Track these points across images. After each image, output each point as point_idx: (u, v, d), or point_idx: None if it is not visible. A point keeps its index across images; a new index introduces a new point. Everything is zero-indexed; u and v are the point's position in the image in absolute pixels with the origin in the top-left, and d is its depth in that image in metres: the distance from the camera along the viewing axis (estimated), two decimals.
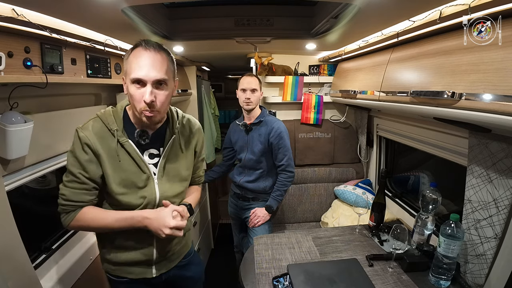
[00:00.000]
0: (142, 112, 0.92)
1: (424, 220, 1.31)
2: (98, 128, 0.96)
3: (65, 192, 0.95)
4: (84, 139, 0.92)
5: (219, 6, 1.60)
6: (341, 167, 2.33)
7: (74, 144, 0.94)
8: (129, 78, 0.90)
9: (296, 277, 1.16)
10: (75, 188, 0.95)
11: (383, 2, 0.94)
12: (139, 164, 1.00)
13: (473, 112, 0.85)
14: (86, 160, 0.93)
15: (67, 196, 0.94)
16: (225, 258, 2.79)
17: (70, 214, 0.96)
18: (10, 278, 0.92)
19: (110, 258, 1.06)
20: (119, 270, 1.08)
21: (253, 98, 1.73)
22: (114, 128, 0.96)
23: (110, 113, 0.99)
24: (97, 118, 0.98)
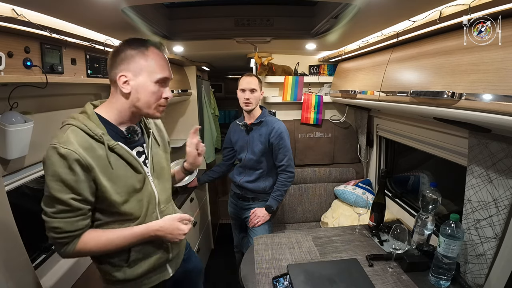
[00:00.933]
0: (159, 107, 0.95)
1: (424, 220, 1.31)
2: (80, 138, 0.83)
3: (58, 224, 0.82)
4: (70, 156, 0.78)
5: (219, 6, 1.60)
6: (341, 167, 2.33)
7: (55, 166, 0.78)
8: (154, 77, 0.90)
9: (296, 277, 1.16)
10: (68, 217, 0.82)
11: (383, 2, 0.94)
12: (134, 165, 0.93)
13: (473, 112, 0.85)
14: (75, 181, 0.80)
15: (62, 229, 0.82)
16: (225, 258, 2.79)
17: (69, 246, 0.85)
18: (10, 278, 0.92)
19: (125, 277, 0.97)
20: (138, 285, 1.01)
21: (252, 98, 1.72)
22: (100, 133, 0.85)
23: (86, 118, 0.87)
24: (72, 127, 0.83)
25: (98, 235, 0.89)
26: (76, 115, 0.88)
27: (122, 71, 0.88)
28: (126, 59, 0.88)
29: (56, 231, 0.82)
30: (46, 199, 0.82)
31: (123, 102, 0.91)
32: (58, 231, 0.82)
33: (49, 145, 0.80)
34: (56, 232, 0.83)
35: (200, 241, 2.46)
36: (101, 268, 0.98)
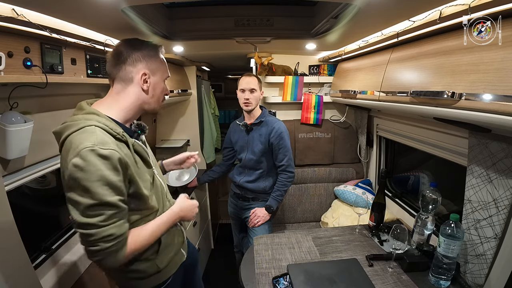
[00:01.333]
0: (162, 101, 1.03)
1: (424, 220, 1.31)
2: (110, 138, 0.82)
3: (111, 231, 0.77)
4: (114, 156, 0.77)
5: (219, 6, 1.60)
6: (341, 167, 2.33)
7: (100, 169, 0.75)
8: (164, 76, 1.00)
9: (296, 277, 1.16)
10: (118, 220, 0.80)
11: (383, 2, 0.94)
12: (147, 161, 0.97)
13: (473, 112, 0.85)
14: (120, 181, 0.79)
15: (115, 234, 0.78)
16: (225, 258, 2.79)
17: (121, 252, 0.81)
18: (10, 278, 0.92)
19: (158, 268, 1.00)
20: (165, 273, 1.04)
21: (252, 98, 1.72)
22: (122, 132, 0.86)
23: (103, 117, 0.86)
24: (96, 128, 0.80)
25: (140, 231, 0.90)
26: (87, 116, 0.84)
27: (143, 69, 0.92)
28: (145, 59, 0.92)
29: (109, 239, 0.77)
30: (90, 209, 0.75)
31: (136, 98, 0.93)
32: (110, 238, 0.77)
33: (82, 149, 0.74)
34: (108, 241, 0.77)
35: (200, 241, 2.46)
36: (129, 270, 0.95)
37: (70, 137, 0.79)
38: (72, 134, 0.79)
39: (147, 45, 0.95)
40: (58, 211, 1.44)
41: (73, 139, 0.78)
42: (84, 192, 0.74)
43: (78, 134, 0.78)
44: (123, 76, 0.91)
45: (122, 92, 0.92)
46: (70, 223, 1.42)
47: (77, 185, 0.74)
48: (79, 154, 0.74)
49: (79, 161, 0.73)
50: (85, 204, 0.74)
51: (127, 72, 0.90)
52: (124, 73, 0.91)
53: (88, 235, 0.76)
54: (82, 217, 0.75)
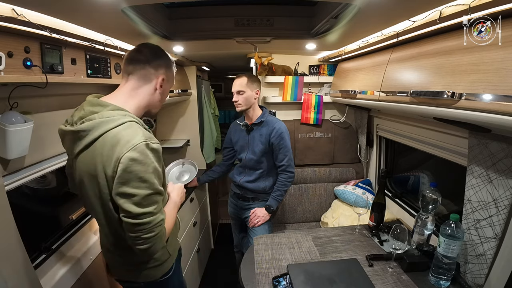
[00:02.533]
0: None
1: (424, 220, 1.31)
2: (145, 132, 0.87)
3: (162, 216, 0.88)
4: (160, 149, 0.86)
5: (219, 6, 1.60)
6: (341, 167, 2.33)
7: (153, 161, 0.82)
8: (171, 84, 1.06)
9: (296, 277, 1.16)
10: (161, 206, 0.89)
11: (383, 2, 0.94)
12: None
13: (473, 112, 0.85)
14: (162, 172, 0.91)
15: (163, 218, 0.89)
16: (225, 258, 2.79)
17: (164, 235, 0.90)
18: (10, 278, 0.92)
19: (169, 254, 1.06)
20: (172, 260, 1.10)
21: (240, 99, 1.72)
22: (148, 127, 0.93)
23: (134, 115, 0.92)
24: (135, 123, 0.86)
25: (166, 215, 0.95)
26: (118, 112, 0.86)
27: (163, 75, 0.98)
28: (166, 67, 1.00)
29: (160, 224, 0.86)
30: (147, 199, 0.81)
31: (148, 98, 0.97)
32: (162, 222, 0.87)
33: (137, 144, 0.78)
34: (160, 226, 0.86)
35: (200, 241, 2.46)
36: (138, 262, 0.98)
37: (113, 132, 0.81)
38: (114, 129, 0.81)
39: (166, 56, 1.02)
40: (58, 211, 1.44)
41: (120, 134, 0.80)
42: (142, 182, 0.79)
43: (125, 130, 0.81)
44: (143, 75, 0.95)
45: (138, 89, 0.95)
46: (70, 223, 1.43)
47: (134, 177, 0.78)
48: (135, 148, 0.78)
49: (136, 155, 0.78)
50: (142, 194, 0.80)
51: (149, 72, 0.95)
52: (145, 73, 0.95)
53: (145, 223, 0.82)
54: (139, 207, 0.80)
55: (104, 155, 0.80)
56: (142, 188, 0.80)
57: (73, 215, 1.43)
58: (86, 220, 1.51)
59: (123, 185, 0.79)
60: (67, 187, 1.08)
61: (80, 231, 1.43)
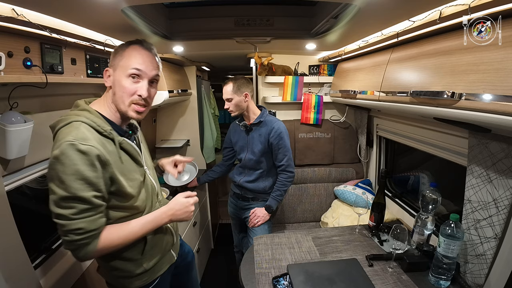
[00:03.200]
0: (132, 105, 0.92)
1: (424, 220, 1.31)
2: (93, 134, 0.83)
3: (81, 225, 0.79)
4: (92, 152, 0.78)
5: (219, 6, 1.60)
6: (341, 167, 2.33)
7: (76, 164, 0.76)
8: (126, 71, 0.89)
9: (296, 277, 1.16)
10: (90, 216, 0.81)
11: (383, 2, 0.94)
12: (137, 160, 0.97)
13: (473, 112, 0.85)
14: (97, 177, 0.80)
15: (85, 229, 0.80)
16: (225, 258, 2.79)
17: (90, 246, 0.82)
18: (10, 278, 0.92)
19: (144, 269, 1.00)
20: (152, 274, 1.04)
21: (231, 106, 1.73)
22: (109, 129, 0.87)
23: (94, 114, 0.88)
24: (82, 124, 0.82)
25: (119, 228, 0.90)
26: (78, 112, 0.87)
27: (108, 67, 0.94)
28: (112, 56, 0.93)
29: (78, 232, 0.79)
30: (63, 201, 0.77)
31: (109, 97, 0.94)
32: (80, 232, 0.79)
33: (63, 143, 0.76)
34: (78, 234, 0.79)
35: (200, 241, 2.46)
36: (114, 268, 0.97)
37: (59, 131, 0.82)
38: (61, 128, 0.82)
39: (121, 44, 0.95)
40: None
41: (60, 133, 0.81)
42: (60, 183, 0.76)
43: (65, 129, 0.81)
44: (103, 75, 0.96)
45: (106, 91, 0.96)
46: None
47: (55, 176, 0.77)
48: (60, 147, 0.76)
49: (58, 154, 0.76)
50: (59, 195, 0.76)
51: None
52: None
53: (60, 225, 0.79)
54: (56, 207, 0.78)
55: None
56: (60, 188, 0.76)
57: None
58: None
59: (48, 181, 0.78)
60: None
61: None
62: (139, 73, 0.90)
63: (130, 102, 0.91)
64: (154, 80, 0.96)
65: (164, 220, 0.99)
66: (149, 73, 0.92)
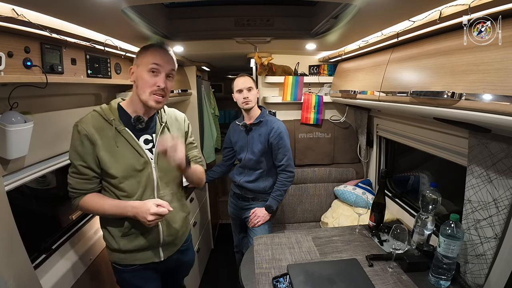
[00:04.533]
0: (152, 95, 1.08)
1: (424, 220, 1.31)
2: (95, 120, 1.07)
3: (70, 181, 1.09)
4: (82, 131, 1.04)
5: (219, 6, 1.60)
6: (341, 167, 2.33)
7: (73, 138, 1.06)
8: (147, 66, 1.07)
9: (296, 277, 1.16)
10: (77, 178, 1.08)
11: (383, 2, 0.94)
12: (137, 149, 1.12)
13: (473, 112, 0.85)
14: (84, 152, 1.05)
15: (72, 185, 1.09)
16: (225, 258, 2.80)
17: (76, 200, 1.11)
18: (10, 278, 0.92)
19: (120, 247, 1.14)
20: (129, 258, 1.17)
21: (251, 96, 1.73)
22: (111, 118, 1.08)
23: (106, 107, 1.12)
24: (94, 112, 1.10)
25: (96, 199, 1.11)
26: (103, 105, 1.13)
27: (132, 65, 1.13)
28: (136, 57, 1.13)
29: (70, 186, 1.10)
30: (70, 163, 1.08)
31: (134, 90, 1.12)
32: (69, 187, 1.10)
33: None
34: (69, 188, 1.10)
35: (200, 241, 2.46)
36: (104, 234, 1.19)
37: None
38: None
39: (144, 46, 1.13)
40: (58, 211, 1.44)
41: None
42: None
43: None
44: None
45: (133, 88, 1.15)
46: (70, 223, 1.43)
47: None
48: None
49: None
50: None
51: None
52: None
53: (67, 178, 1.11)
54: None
55: None
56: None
57: (73, 215, 1.43)
58: (86, 220, 1.51)
59: None
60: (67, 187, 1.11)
61: (80, 231, 1.43)
62: (158, 67, 1.08)
63: (150, 92, 1.08)
64: (170, 75, 1.13)
65: (128, 213, 1.08)
66: (166, 67, 1.10)
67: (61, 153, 1.25)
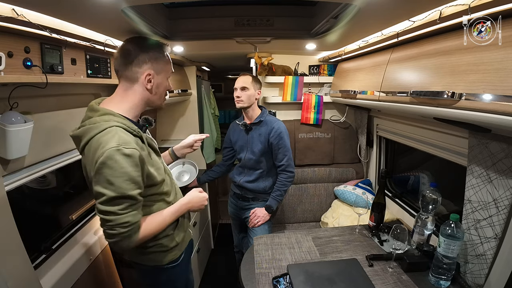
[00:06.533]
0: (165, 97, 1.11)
1: (424, 220, 1.31)
2: (129, 136, 0.92)
3: (128, 219, 0.89)
4: (135, 154, 0.88)
5: (219, 6, 1.60)
6: (341, 167, 2.33)
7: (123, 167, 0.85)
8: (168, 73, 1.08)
9: (296, 277, 1.16)
10: (134, 210, 0.91)
11: (383, 2, 0.94)
12: (157, 150, 1.11)
13: (473, 112, 0.85)
14: (139, 176, 0.91)
15: (131, 222, 0.90)
16: (225, 258, 2.79)
17: (134, 235, 0.93)
18: (10, 278, 0.92)
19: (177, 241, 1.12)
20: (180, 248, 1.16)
21: (243, 96, 1.72)
22: (137, 129, 0.97)
23: (118, 116, 0.95)
24: (117, 128, 0.90)
25: (153, 219, 1.02)
26: (105, 117, 0.92)
27: (148, 70, 0.99)
28: (151, 61, 0.99)
29: (125, 225, 0.89)
30: (112, 200, 0.86)
31: (141, 97, 1.01)
32: (127, 225, 0.90)
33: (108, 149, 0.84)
34: (125, 227, 0.89)
35: (200, 241, 2.45)
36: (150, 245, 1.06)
37: (96, 137, 0.88)
38: (97, 135, 0.88)
39: (153, 46, 1.02)
40: (58, 211, 1.44)
41: (100, 139, 0.87)
42: (109, 185, 0.85)
43: (104, 135, 0.88)
44: (130, 76, 0.98)
45: (128, 90, 1.00)
46: (70, 223, 1.43)
47: (103, 179, 0.85)
48: (105, 153, 0.84)
49: (104, 159, 0.84)
50: (109, 196, 0.85)
51: (133, 72, 0.98)
52: (131, 73, 0.98)
53: (106, 220, 0.88)
54: (104, 205, 0.86)
55: (89, 159, 0.89)
56: (108, 189, 0.85)
57: (73, 215, 1.44)
58: (86, 220, 1.51)
59: (95, 184, 0.86)
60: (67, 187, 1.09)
61: (80, 231, 1.43)
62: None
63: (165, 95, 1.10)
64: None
65: (185, 211, 1.14)
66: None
67: (61, 153, 1.25)
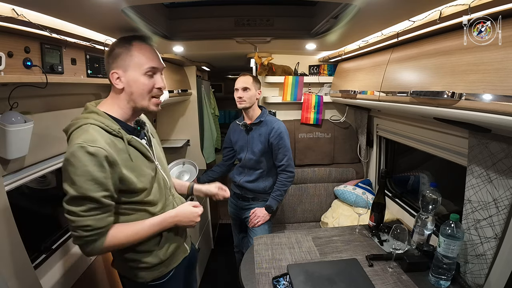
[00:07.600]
0: (152, 99, 0.97)
1: (424, 220, 1.31)
2: (103, 135, 0.86)
3: (89, 222, 0.83)
4: (100, 153, 0.81)
5: (219, 6, 1.60)
6: (341, 167, 2.33)
7: (85, 165, 0.80)
8: (141, 69, 0.93)
9: (296, 277, 1.16)
10: (98, 214, 0.85)
11: (383, 2, 0.94)
12: (147, 156, 1.00)
13: (473, 112, 0.85)
14: (105, 178, 0.83)
15: (93, 226, 0.84)
16: (225, 258, 2.79)
17: (97, 242, 0.87)
18: (10, 278, 0.92)
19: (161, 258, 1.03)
20: (168, 265, 1.08)
21: (245, 96, 1.72)
22: (117, 128, 0.90)
23: (102, 115, 0.91)
24: (92, 126, 0.86)
25: (125, 228, 0.93)
26: (87, 115, 0.90)
27: (113, 69, 0.93)
28: (115, 58, 0.93)
29: (87, 229, 0.84)
30: (74, 200, 0.82)
31: (121, 98, 0.96)
32: (88, 229, 0.84)
33: (73, 145, 0.80)
34: (86, 230, 0.84)
35: (200, 241, 2.45)
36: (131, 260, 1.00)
37: (71, 134, 0.86)
38: (73, 131, 0.86)
39: (116, 44, 0.95)
40: (58, 211, 1.44)
41: (72, 136, 0.86)
42: (71, 184, 0.81)
43: (76, 132, 0.85)
44: (109, 78, 0.95)
45: (113, 93, 0.97)
46: None
47: (67, 177, 0.82)
48: (70, 150, 0.81)
49: (68, 156, 0.81)
50: (71, 195, 0.81)
51: (108, 74, 0.95)
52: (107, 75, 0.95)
53: (70, 220, 0.84)
54: (67, 204, 0.83)
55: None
56: (72, 188, 0.81)
57: None
58: None
59: (63, 181, 0.84)
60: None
61: None
62: (156, 69, 0.96)
63: (150, 96, 0.97)
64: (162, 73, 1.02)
65: (170, 225, 1.03)
66: (160, 66, 0.98)
67: (61, 153, 1.25)
